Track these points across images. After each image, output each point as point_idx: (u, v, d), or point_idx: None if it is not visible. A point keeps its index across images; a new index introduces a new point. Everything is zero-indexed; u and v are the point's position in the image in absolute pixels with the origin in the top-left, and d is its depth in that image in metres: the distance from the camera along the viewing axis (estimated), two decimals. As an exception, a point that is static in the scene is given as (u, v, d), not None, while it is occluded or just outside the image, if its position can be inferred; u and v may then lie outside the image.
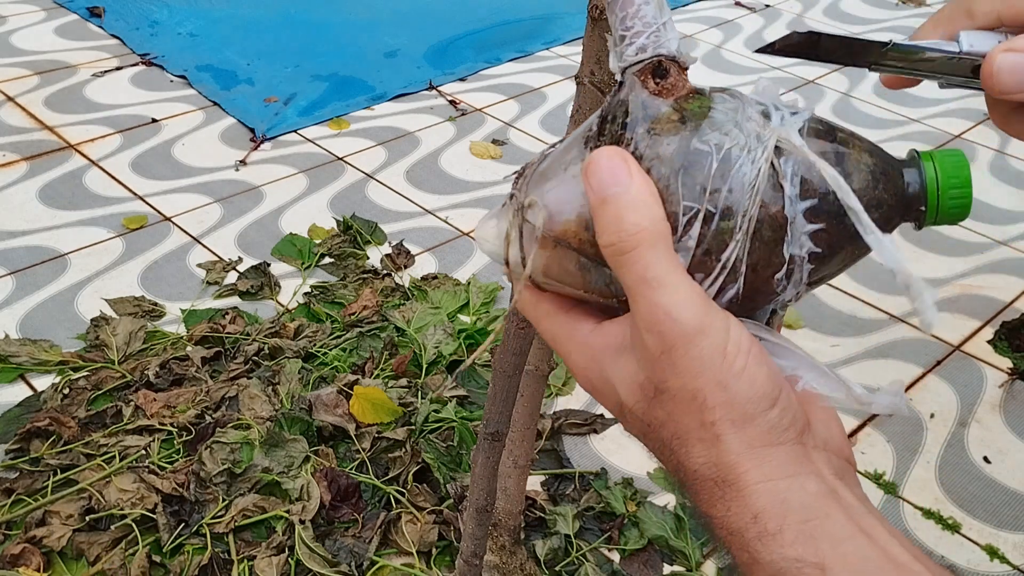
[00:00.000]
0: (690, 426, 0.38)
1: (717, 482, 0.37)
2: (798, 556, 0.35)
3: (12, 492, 1.40)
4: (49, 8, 3.15)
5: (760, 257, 0.38)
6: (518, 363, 0.63)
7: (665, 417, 0.38)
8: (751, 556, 0.37)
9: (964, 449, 1.61)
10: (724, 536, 0.38)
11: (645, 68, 0.39)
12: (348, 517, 1.40)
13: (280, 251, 2.01)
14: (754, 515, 0.36)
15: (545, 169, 0.41)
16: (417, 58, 2.96)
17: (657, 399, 0.38)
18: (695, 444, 0.38)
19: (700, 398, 0.37)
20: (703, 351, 0.36)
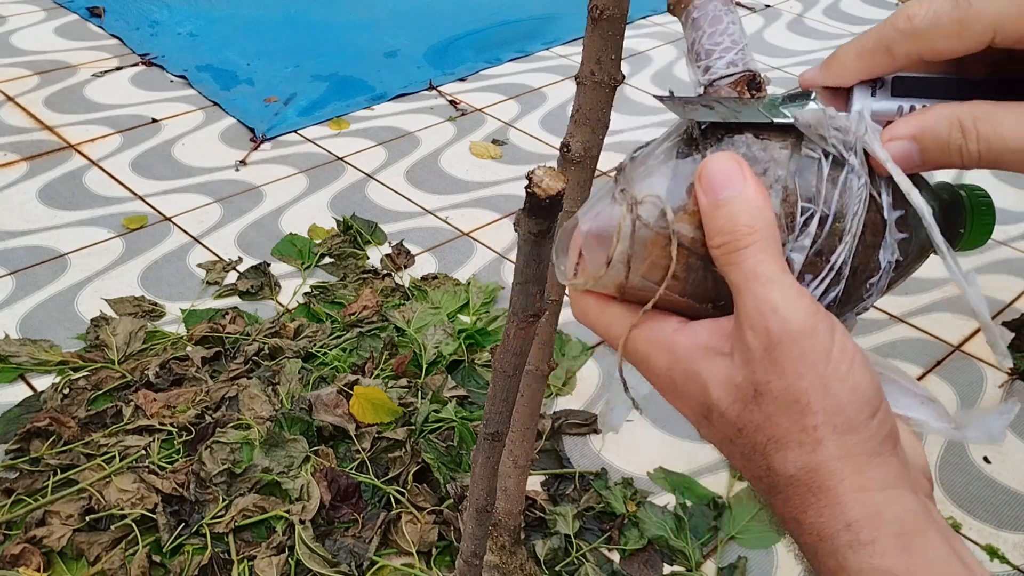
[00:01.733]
0: (790, 430, 0.37)
1: (812, 488, 0.37)
2: (889, 568, 0.35)
3: (12, 492, 1.40)
4: (49, 8, 3.15)
5: (861, 261, 0.40)
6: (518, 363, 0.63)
7: (763, 420, 0.37)
8: (839, 563, 0.36)
9: (964, 449, 1.61)
10: (813, 541, 0.37)
11: (740, 80, 0.41)
12: (348, 517, 1.40)
13: (280, 251, 2.01)
14: (847, 523, 0.36)
15: (648, 169, 0.40)
16: (417, 58, 2.96)
17: (756, 400, 0.37)
18: (794, 448, 0.37)
19: (804, 401, 0.36)
20: (809, 352, 0.36)
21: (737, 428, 0.38)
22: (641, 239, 0.39)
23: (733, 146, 0.39)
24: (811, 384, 0.36)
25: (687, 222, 0.39)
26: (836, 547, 0.36)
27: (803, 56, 3.12)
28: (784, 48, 3.18)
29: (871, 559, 0.35)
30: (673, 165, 0.40)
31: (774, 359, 0.36)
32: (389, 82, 2.79)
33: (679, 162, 0.40)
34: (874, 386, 0.37)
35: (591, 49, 0.82)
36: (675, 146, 0.41)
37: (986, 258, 2.12)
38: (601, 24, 0.79)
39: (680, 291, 0.40)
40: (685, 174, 0.39)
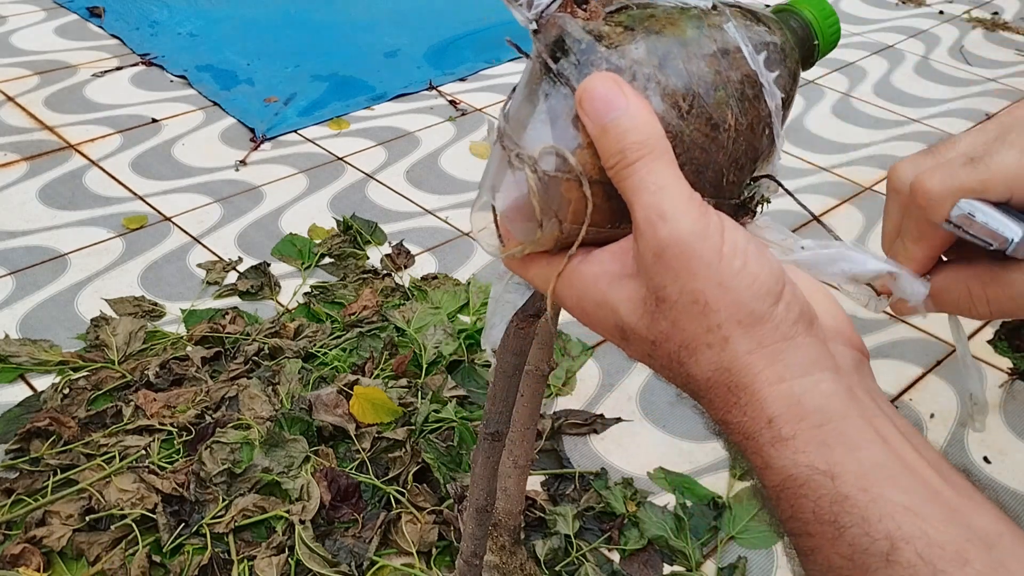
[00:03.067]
0: (696, 332, 0.37)
1: (730, 387, 0.37)
2: (810, 463, 0.35)
3: (12, 492, 1.40)
4: (49, 8, 3.15)
5: (752, 116, 0.41)
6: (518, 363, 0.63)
7: (669, 327, 0.38)
8: (764, 461, 0.36)
9: (964, 449, 1.61)
10: (740, 441, 0.37)
11: (565, 3, 0.40)
12: (348, 517, 1.40)
13: (280, 251, 2.01)
14: (768, 419, 0.36)
15: (527, 122, 0.40)
16: (417, 58, 2.96)
17: (659, 309, 0.38)
18: (703, 350, 0.37)
19: (702, 300, 0.37)
20: (699, 252, 0.36)
21: (651, 341, 0.39)
22: (555, 191, 0.39)
23: (593, 65, 0.39)
24: (706, 283, 0.36)
25: (588, 155, 0.39)
26: (760, 445, 0.36)
27: (803, 56, 3.11)
28: (784, 48, 3.17)
29: (793, 455, 0.36)
30: (547, 108, 0.40)
31: (666, 264, 0.37)
32: (389, 82, 2.79)
33: (551, 103, 0.39)
34: (774, 273, 0.37)
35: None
36: (539, 87, 0.40)
37: (986, 258, 2.12)
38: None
39: (608, 222, 0.40)
40: (563, 111, 0.39)
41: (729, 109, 0.40)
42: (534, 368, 1.03)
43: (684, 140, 0.39)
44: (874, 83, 2.96)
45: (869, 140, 2.61)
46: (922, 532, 0.34)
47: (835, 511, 0.34)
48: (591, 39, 0.39)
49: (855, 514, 0.34)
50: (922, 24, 3.45)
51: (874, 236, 2.18)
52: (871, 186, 2.38)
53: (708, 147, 0.40)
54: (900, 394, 1.72)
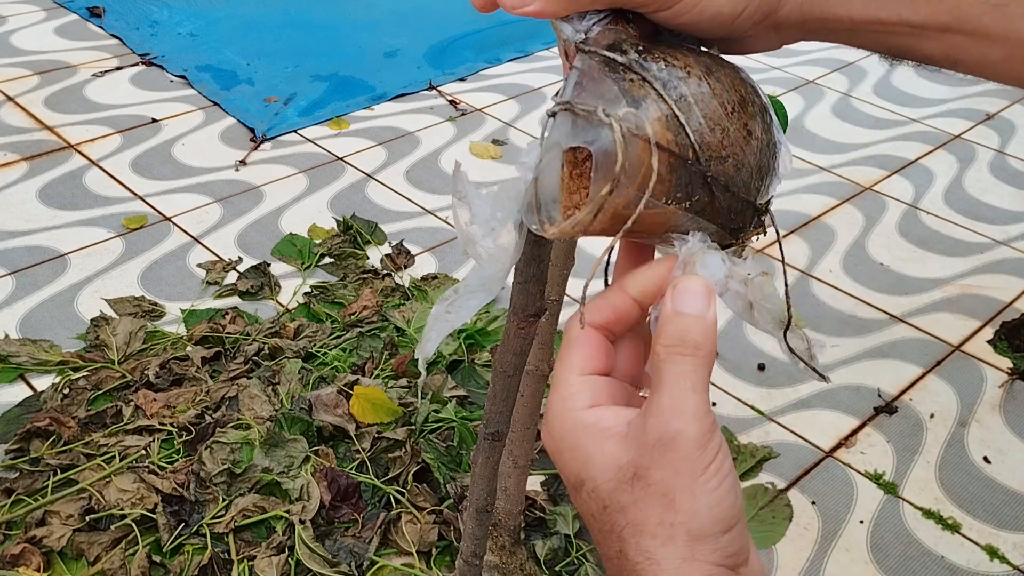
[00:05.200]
0: (650, 519, 0.39)
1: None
2: None
3: (12, 492, 1.40)
4: (49, 8, 3.15)
5: (769, 136, 0.46)
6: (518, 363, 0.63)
7: (630, 503, 0.40)
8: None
9: (964, 449, 1.61)
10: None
11: (614, 19, 0.44)
12: (348, 517, 1.40)
13: (280, 251, 2.01)
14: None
15: (606, 91, 0.43)
16: (417, 58, 2.96)
17: (631, 483, 0.40)
18: (647, 537, 0.40)
19: (671, 497, 0.39)
20: (693, 459, 0.39)
21: (603, 505, 0.41)
22: (634, 150, 0.41)
23: (656, 61, 0.43)
24: (684, 485, 0.39)
25: (660, 126, 0.42)
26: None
27: (803, 56, 3.12)
28: (784, 48, 3.17)
29: None
30: (619, 89, 0.42)
31: (663, 452, 0.39)
32: (389, 82, 2.79)
33: (622, 86, 0.43)
34: (735, 507, 0.40)
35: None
36: (603, 80, 0.43)
37: (986, 258, 2.12)
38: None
39: (665, 195, 0.42)
40: (634, 94, 0.42)
41: (756, 122, 0.45)
42: (534, 368, 1.03)
43: (729, 135, 0.43)
44: (874, 83, 2.96)
45: (869, 140, 2.61)
46: None
47: None
48: (643, 45, 0.43)
49: None
50: (922, 24, 3.45)
51: (873, 236, 2.18)
52: (871, 186, 2.38)
53: (743, 148, 0.44)
54: (900, 394, 1.72)
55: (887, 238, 2.18)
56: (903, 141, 2.62)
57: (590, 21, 0.44)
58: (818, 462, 1.58)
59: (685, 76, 0.43)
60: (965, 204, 2.33)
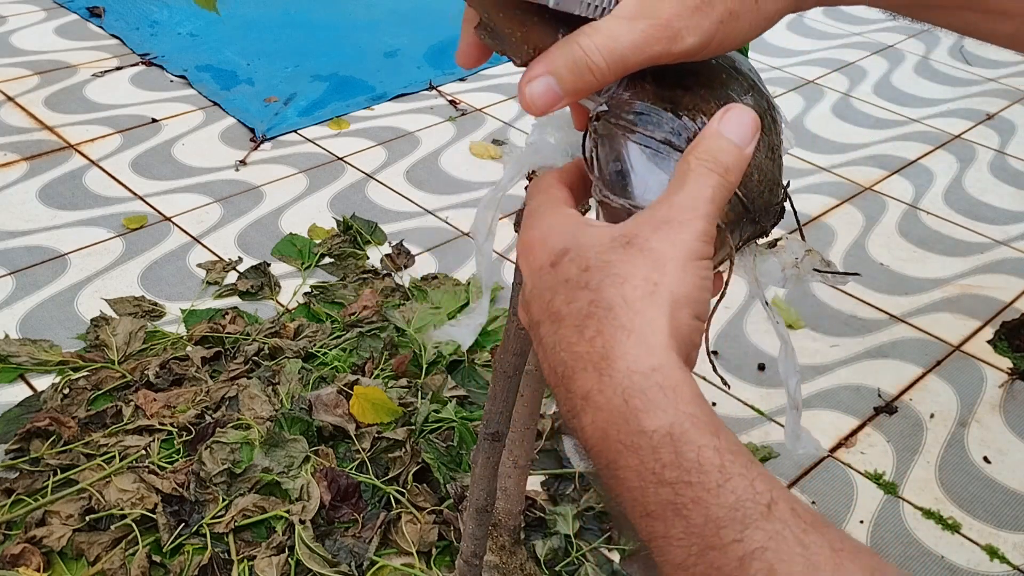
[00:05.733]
0: (636, 273, 0.39)
1: (623, 324, 0.39)
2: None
3: (12, 492, 1.40)
4: (49, 8, 3.15)
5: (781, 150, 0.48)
6: (518, 363, 0.63)
7: (618, 259, 0.40)
8: (641, 400, 0.38)
9: (964, 449, 1.61)
10: (609, 368, 0.39)
11: (629, 83, 0.45)
12: (348, 517, 1.40)
13: (280, 251, 2.01)
14: (652, 367, 0.38)
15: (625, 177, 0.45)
16: (417, 58, 2.96)
17: (624, 246, 0.40)
18: (629, 287, 0.39)
19: (663, 262, 0.40)
20: (692, 244, 0.40)
21: (585, 267, 0.40)
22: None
23: (680, 132, 0.45)
24: (678, 258, 0.40)
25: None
26: (645, 386, 0.38)
27: (803, 56, 3.12)
28: (784, 48, 3.18)
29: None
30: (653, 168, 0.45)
31: (667, 228, 0.40)
32: (389, 82, 2.79)
33: (658, 162, 0.45)
34: (707, 311, 0.42)
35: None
36: (626, 150, 0.45)
37: (986, 258, 2.12)
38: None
39: (728, 251, 0.45)
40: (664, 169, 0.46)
41: (773, 133, 0.47)
42: (534, 368, 1.03)
43: (762, 167, 0.45)
44: (874, 83, 2.96)
45: (869, 140, 2.61)
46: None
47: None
48: (671, 107, 0.44)
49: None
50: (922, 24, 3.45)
51: (873, 236, 2.18)
52: (871, 186, 2.38)
53: (771, 166, 0.46)
54: (900, 394, 1.72)
55: (887, 238, 2.18)
56: (903, 141, 2.62)
57: (609, 90, 0.45)
58: (818, 462, 1.58)
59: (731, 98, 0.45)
60: (965, 204, 2.33)
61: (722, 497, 0.35)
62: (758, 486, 0.36)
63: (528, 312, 0.43)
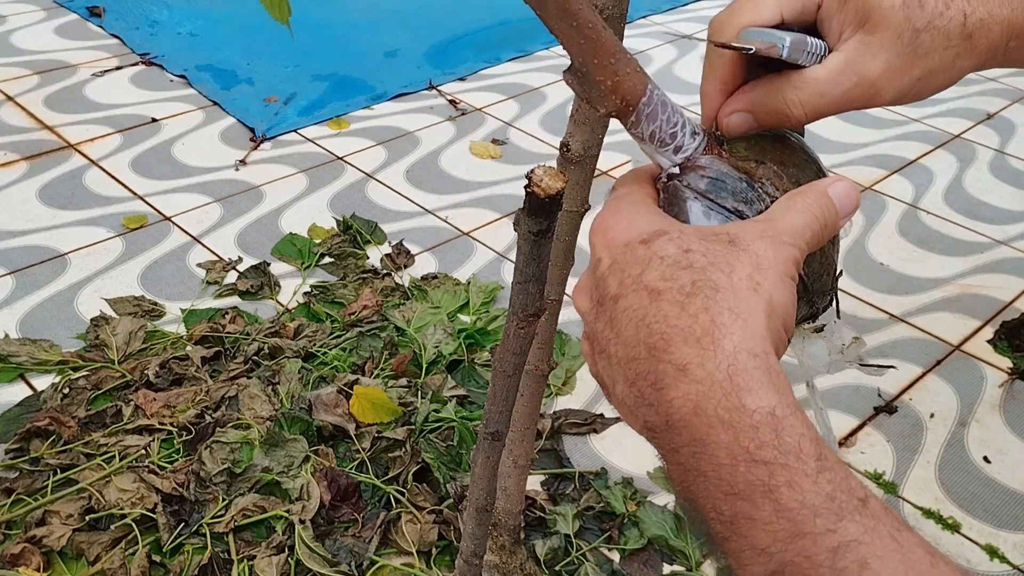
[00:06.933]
0: (740, 270, 0.40)
1: (729, 307, 0.39)
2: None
3: (12, 492, 1.40)
4: (49, 8, 3.15)
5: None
6: (518, 363, 0.63)
7: (722, 252, 0.40)
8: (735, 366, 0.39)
9: (964, 449, 1.61)
10: (713, 346, 0.39)
11: (709, 144, 0.46)
12: (348, 517, 1.40)
13: (280, 251, 2.01)
14: (754, 352, 0.38)
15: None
16: (417, 58, 2.96)
17: (727, 244, 0.41)
18: (735, 276, 0.40)
19: (764, 266, 0.40)
20: (785, 258, 0.41)
21: (686, 248, 0.40)
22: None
23: (758, 200, 0.46)
24: (775, 267, 0.40)
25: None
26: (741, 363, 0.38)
27: (803, 56, 3.11)
28: (784, 48, 3.18)
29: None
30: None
31: (770, 239, 0.41)
32: (389, 82, 2.79)
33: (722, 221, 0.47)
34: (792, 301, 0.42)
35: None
36: (708, 216, 0.47)
37: (986, 258, 2.12)
38: (601, 24, 0.79)
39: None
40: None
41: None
42: (534, 368, 1.03)
43: (836, 240, 0.48)
44: (874, 83, 2.96)
45: (869, 140, 2.61)
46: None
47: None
48: (746, 178, 0.45)
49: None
50: (922, 24, 3.45)
51: (874, 236, 2.18)
52: (871, 186, 2.38)
53: (835, 242, 0.48)
54: (900, 394, 1.72)
55: (887, 238, 2.18)
56: (903, 141, 2.62)
57: (687, 152, 0.45)
58: (818, 462, 1.57)
59: (787, 185, 0.46)
60: (965, 204, 2.33)
61: (819, 485, 0.35)
62: (852, 482, 0.36)
63: (602, 287, 0.42)
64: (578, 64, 0.42)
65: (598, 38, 0.40)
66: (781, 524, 0.34)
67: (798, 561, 0.34)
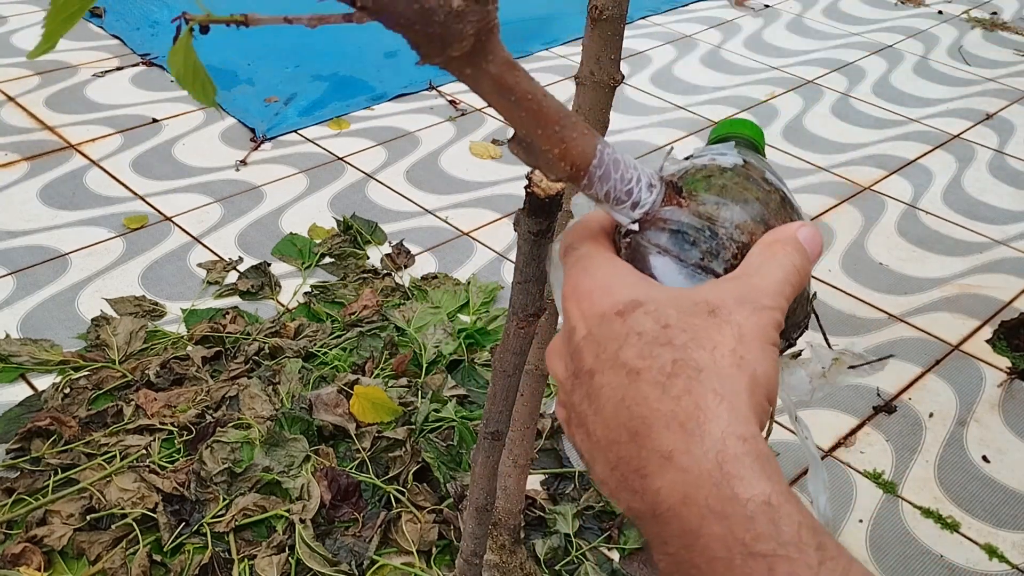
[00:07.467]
0: (724, 344, 0.38)
1: (719, 385, 0.38)
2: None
3: (13, 492, 1.40)
4: (49, 8, 3.15)
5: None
6: (518, 362, 0.64)
7: (703, 326, 0.38)
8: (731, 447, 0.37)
9: (963, 448, 1.62)
10: (695, 423, 0.38)
11: (668, 195, 0.44)
12: (348, 516, 1.41)
13: (280, 251, 2.01)
14: (742, 436, 0.37)
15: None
16: (417, 58, 2.96)
17: (706, 315, 0.39)
18: (718, 354, 0.38)
19: (746, 339, 0.39)
20: (767, 330, 0.40)
21: (664, 324, 0.38)
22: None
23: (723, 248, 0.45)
24: (757, 338, 0.39)
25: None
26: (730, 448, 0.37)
27: (803, 56, 3.12)
28: (784, 48, 3.18)
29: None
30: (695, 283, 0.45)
31: (750, 306, 0.39)
32: (389, 82, 2.79)
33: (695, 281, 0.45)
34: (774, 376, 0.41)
35: (591, 49, 0.82)
36: (680, 276, 0.45)
37: (985, 258, 2.12)
38: (601, 24, 0.80)
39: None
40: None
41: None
42: (534, 367, 1.03)
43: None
44: (873, 83, 2.96)
45: (868, 140, 2.61)
46: None
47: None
48: (708, 225, 0.44)
49: None
50: (921, 24, 3.46)
51: (873, 235, 2.18)
52: (870, 186, 2.38)
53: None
54: (899, 393, 1.72)
55: (886, 238, 2.18)
56: (902, 141, 2.62)
57: (645, 207, 0.44)
58: (817, 461, 1.58)
59: (751, 227, 0.45)
60: (964, 204, 2.33)
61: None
62: (854, 570, 0.34)
63: (577, 359, 0.41)
64: (522, 135, 0.41)
65: (539, 108, 0.39)
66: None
67: None
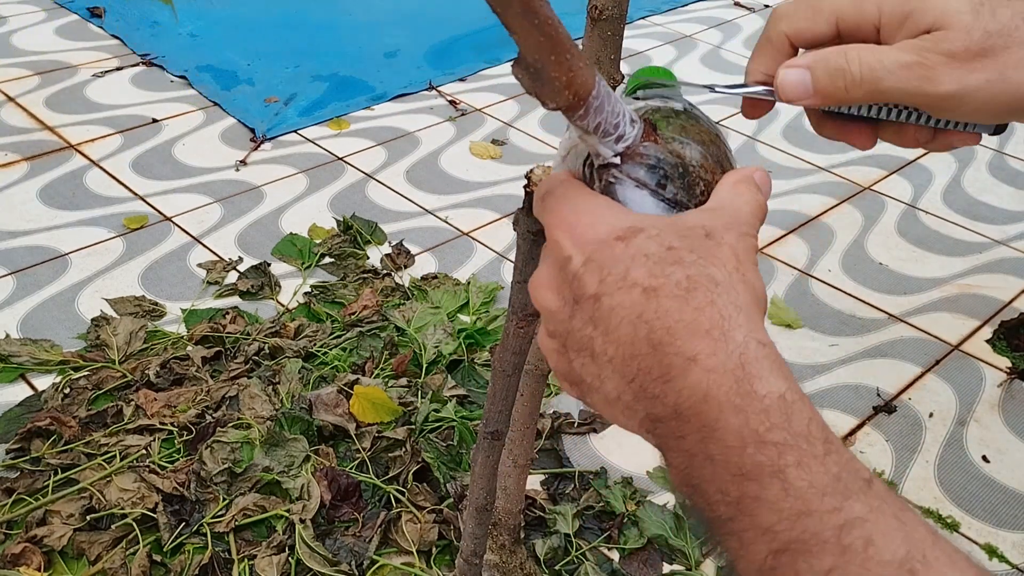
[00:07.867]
0: (727, 264, 0.41)
1: (726, 287, 0.40)
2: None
3: (13, 492, 1.40)
4: (49, 8, 3.15)
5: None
6: (517, 362, 0.64)
7: (704, 247, 0.41)
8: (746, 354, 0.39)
9: (963, 448, 1.62)
10: (703, 326, 0.40)
11: (646, 132, 0.47)
12: (348, 516, 1.41)
13: (280, 251, 2.01)
14: (759, 338, 0.39)
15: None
16: (417, 58, 2.97)
17: (704, 238, 0.41)
18: (720, 268, 0.40)
19: (741, 258, 0.42)
20: (751, 242, 0.43)
21: (668, 246, 0.41)
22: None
23: (694, 183, 0.47)
24: (749, 256, 0.42)
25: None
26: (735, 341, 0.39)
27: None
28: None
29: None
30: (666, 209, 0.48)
31: (737, 230, 0.42)
32: (389, 82, 2.79)
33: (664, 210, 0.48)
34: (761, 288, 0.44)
35: (590, 49, 0.82)
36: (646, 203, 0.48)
37: (985, 258, 2.12)
38: (600, 24, 0.80)
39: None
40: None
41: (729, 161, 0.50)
42: (534, 367, 1.03)
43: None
44: (873, 83, 2.96)
45: (868, 140, 2.61)
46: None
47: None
48: (680, 162, 0.47)
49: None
50: (921, 24, 3.45)
51: (873, 235, 2.18)
52: (870, 186, 2.38)
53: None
54: (899, 393, 1.72)
55: (886, 238, 2.18)
56: (902, 141, 2.62)
57: (627, 140, 0.46)
58: (817, 461, 1.58)
59: (705, 158, 0.48)
60: (964, 204, 2.33)
61: (827, 466, 0.36)
62: (857, 464, 0.37)
63: (577, 286, 0.42)
64: (532, 60, 0.42)
65: (556, 34, 0.41)
66: (788, 503, 0.35)
67: (804, 539, 0.35)
